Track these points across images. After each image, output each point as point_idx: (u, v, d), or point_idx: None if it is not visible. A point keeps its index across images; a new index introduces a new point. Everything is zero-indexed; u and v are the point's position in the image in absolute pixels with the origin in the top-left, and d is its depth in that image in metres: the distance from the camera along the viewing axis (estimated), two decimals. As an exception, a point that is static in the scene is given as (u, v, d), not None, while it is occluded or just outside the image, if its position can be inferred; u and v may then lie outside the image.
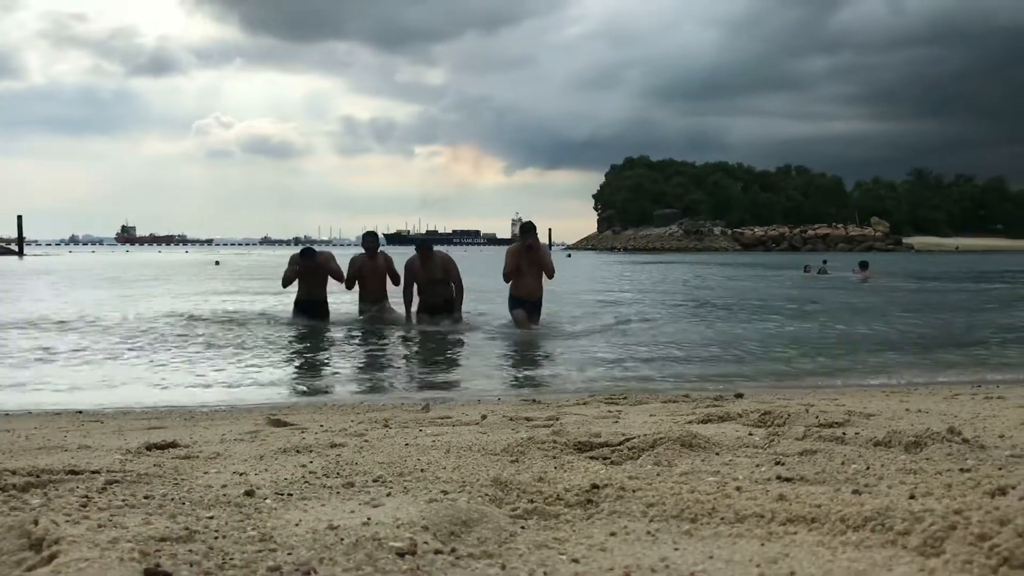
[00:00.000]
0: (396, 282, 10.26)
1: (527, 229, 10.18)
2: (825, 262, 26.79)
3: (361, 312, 10.35)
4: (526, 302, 9.96)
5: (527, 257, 9.85)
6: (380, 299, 10.40)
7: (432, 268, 10.03)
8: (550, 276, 10.01)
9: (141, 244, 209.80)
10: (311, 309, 10.34)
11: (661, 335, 9.79)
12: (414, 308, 10.10)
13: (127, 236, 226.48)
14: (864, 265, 23.88)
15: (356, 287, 10.41)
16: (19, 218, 68.04)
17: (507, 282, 9.96)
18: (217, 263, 41.11)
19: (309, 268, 10.11)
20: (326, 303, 10.47)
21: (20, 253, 62.63)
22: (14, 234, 68.91)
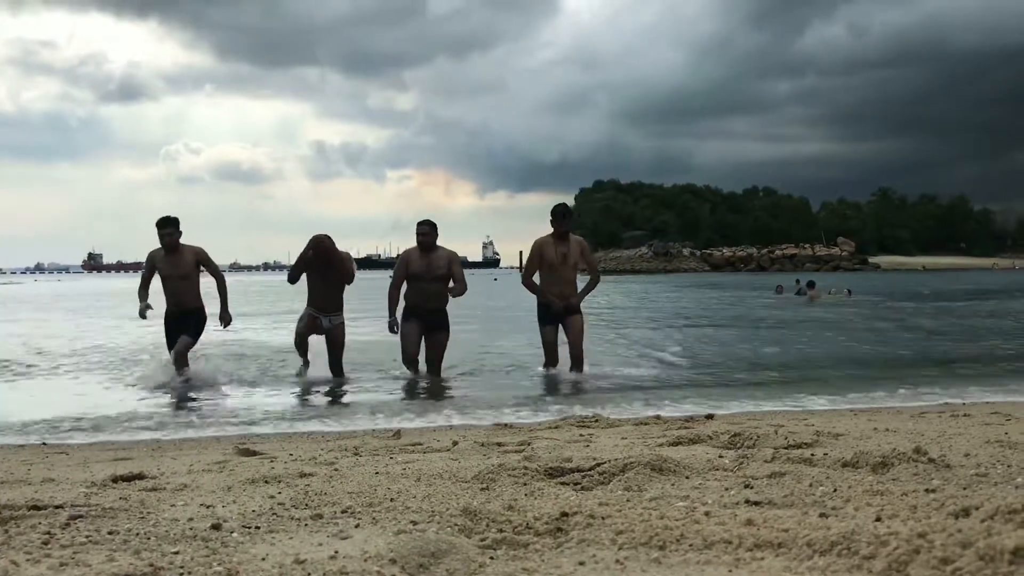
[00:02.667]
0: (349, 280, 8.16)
1: (561, 213, 8.07)
2: (797, 282, 27.06)
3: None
4: (564, 307, 7.99)
5: (560, 249, 7.98)
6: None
7: (434, 261, 7.99)
8: (594, 278, 8.61)
9: (108, 271, 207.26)
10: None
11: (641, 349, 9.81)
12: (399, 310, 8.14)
13: (94, 263, 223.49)
14: (811, 284, 24.44)
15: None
16: (-17, 246, 67.19)
17: (526, 285, 8.14)
18: None
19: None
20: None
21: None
22: (-22, 262, 67.96)
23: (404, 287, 8.09)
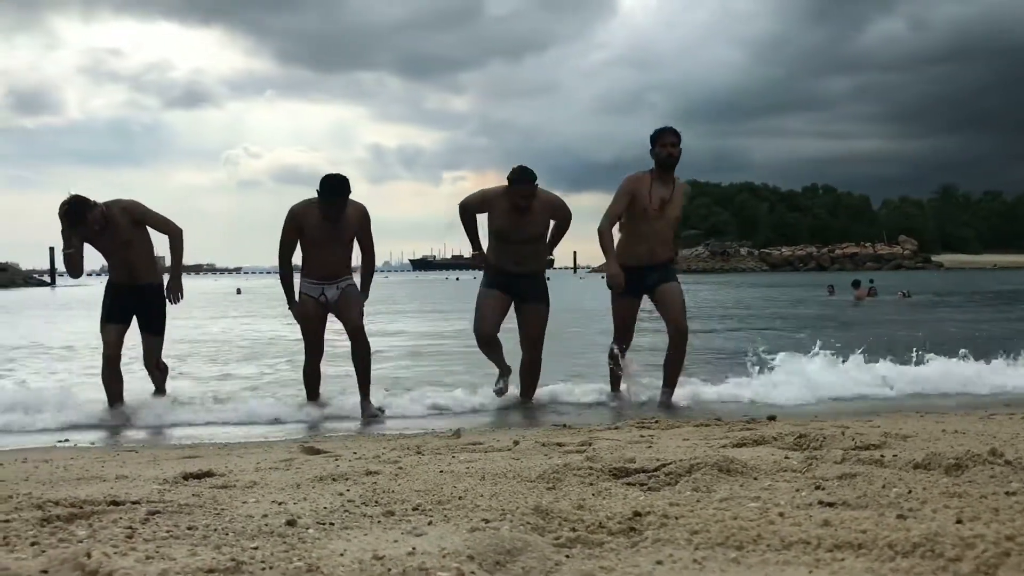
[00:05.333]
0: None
1: (672, 130, 6.08)
2: (872, 281, 26.36)
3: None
4: (645, 270, 6.06)
5: (659, 193, 6.01)
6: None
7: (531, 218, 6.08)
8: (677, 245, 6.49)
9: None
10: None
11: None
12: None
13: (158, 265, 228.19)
14: (856, 284, 23.76)
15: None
16: (51, 249, 68.86)
17: (602, 237, 6.06)
18: (239, 291, 41.58)
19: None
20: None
21: (52, 284, 63.43)
22: (46, 265, 69.80)
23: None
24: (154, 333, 6.28)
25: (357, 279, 6.25)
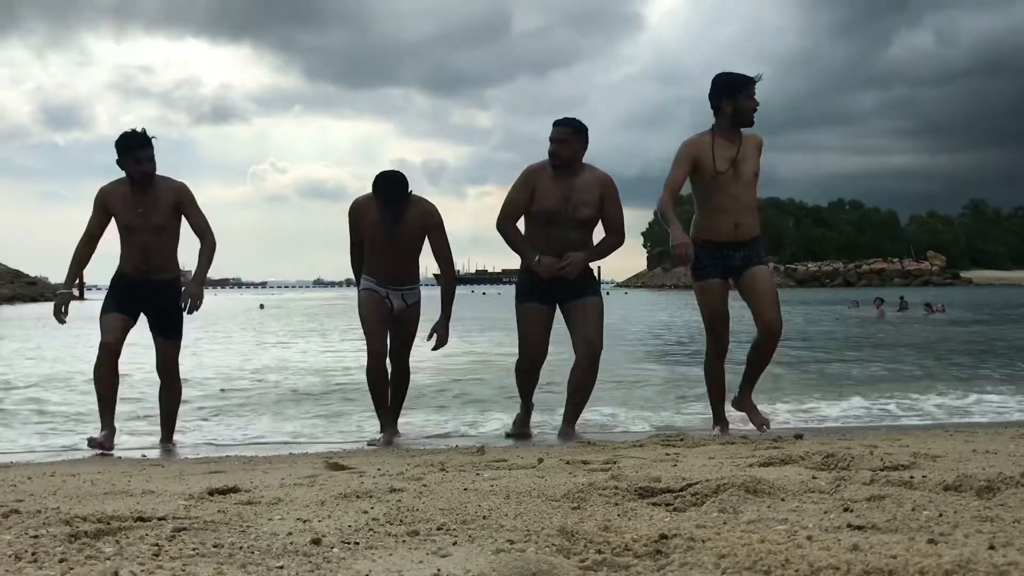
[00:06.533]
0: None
1: (753, 90, 5.07)
2: (902, 298, 26.29)
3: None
4: (728, 248, 5.07)
5: (725, 152, 5.00)
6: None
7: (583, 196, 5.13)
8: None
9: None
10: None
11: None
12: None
13: (183, 281, 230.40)
14: (879, 301, 23.95)
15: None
16: (80, 263, 69.56)
17: (663, 206, 5.02)
18: (261, 306, 41.97)
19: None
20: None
21: (81, 296, 64.15)
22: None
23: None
24: (170, 337, 5.40)
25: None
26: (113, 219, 5.32)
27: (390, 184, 5.13)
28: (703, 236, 5.10)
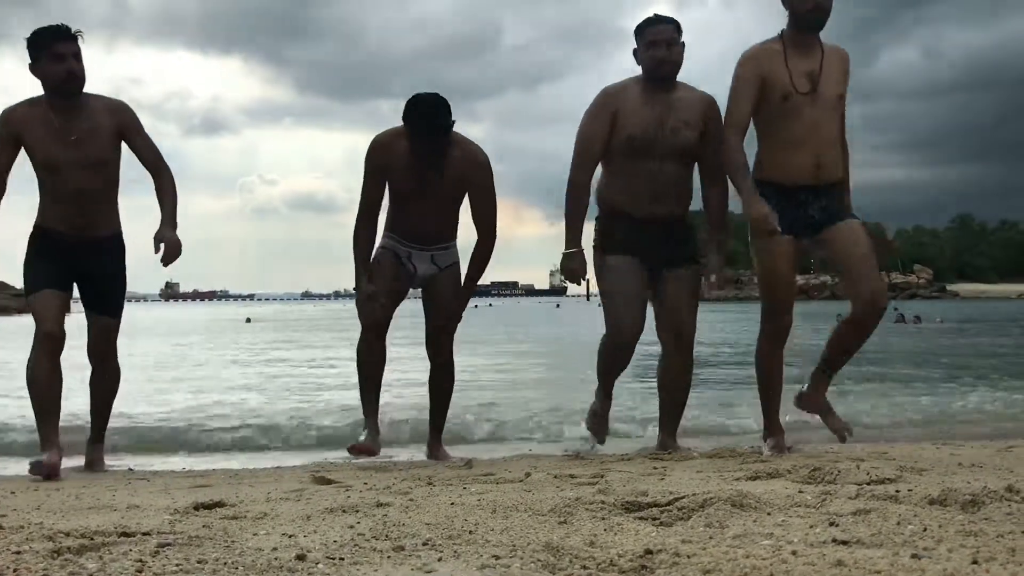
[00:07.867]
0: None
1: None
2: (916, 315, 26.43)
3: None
4: (805, 194, 3.89)
5: (802, 66, 3.81)
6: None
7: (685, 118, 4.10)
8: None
9: (184, 300, 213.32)
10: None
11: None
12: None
13: (171, 292, 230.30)
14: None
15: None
16: (67, 275, 69.38)
17: (734, 156, 3.85)
18: (248, 320, 41.25)
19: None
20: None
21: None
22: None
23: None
24: (111, 313, 4.29)
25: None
26: (26, 154, 3.99)
27: (431, 110, 3.93)
28: (768, 176, 3.92)
